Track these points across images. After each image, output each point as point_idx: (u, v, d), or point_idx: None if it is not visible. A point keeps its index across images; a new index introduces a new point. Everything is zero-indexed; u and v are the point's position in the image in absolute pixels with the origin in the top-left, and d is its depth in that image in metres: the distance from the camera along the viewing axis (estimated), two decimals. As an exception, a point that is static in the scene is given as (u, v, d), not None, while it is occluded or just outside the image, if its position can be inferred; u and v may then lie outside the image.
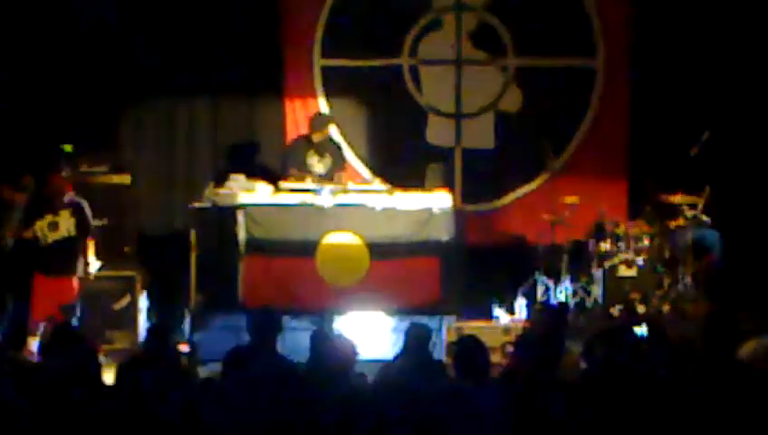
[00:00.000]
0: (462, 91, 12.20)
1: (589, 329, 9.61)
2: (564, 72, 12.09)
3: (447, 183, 11.58)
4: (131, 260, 10.93)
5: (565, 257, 11.18)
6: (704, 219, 11.15)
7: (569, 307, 10.57)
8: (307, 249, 10.56)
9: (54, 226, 9.88)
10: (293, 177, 10.96)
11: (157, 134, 12.27)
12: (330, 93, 12.17)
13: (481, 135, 12.21)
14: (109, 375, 6.77)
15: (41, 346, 8.75)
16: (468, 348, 6.54)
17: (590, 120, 12.10)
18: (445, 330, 10.17)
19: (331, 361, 6.64)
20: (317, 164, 11.18)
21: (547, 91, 12.09)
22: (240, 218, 10.58)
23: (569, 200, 11.28)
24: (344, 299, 10.50)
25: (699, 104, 11.74)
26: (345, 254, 10.58)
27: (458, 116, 12.22)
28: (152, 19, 11.90)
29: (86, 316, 10.00)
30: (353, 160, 12.07)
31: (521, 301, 10.83)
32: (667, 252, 11.18)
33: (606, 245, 11.09)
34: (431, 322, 9.34)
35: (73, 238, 9.91)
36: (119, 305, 10.67)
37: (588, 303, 11.02)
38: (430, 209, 10.67)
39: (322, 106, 12.10)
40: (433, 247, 10.63)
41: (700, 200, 11.16)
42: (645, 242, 11.10)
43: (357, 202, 10.70)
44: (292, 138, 11.88)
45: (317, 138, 11.20)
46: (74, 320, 9.70)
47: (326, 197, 10.63)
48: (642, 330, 8.35)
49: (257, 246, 10.59)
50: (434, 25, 12.21)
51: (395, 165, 11.80)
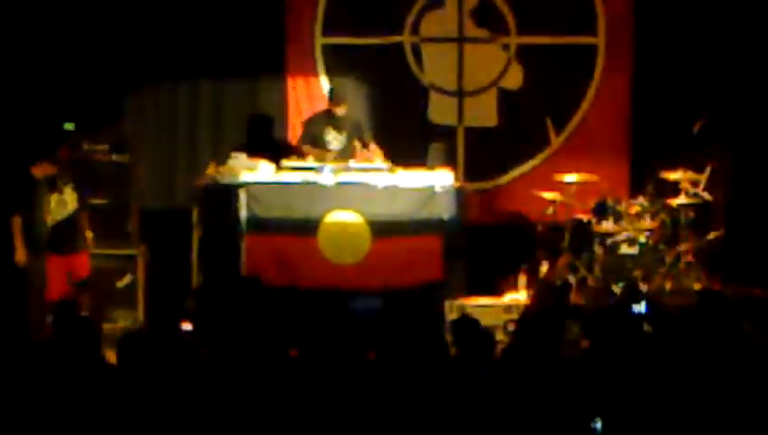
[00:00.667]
0: (464, 69, 12.18)
1: (590, 307, 9.62)
2: (566, 50, 12.05)
3: (450, 161, 11.59)
4: (133, 238, 10.95)
5: (567, 235, 11.19)
6: (705, 197, 11.16)
7: (570, 285, 10.58)
8: (309, 228, 10.55)
9: (63, 203, 9.97)
10: (312, 154, 10.92)
11: (158, 112, 12.24)
12: (331, 72, 12.15)
13: (483, 113, 12.19)
14: (111, 354, 6.79)
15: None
16: (468, 326, 6.56)
17: (592, 97, 12.08)
18: (446, 308, 10.19)
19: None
20: (333, 141, 11.13)
21: (549, 68, 12.05)
22: (242, 197, 10.57)
23: (570, 178, 11.29)
24: (346, 277, 10.52)
25: (702, 81, 11.71)
26: (347, 232, 10.58)
27: (460, 94, 12.21)
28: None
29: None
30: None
31: (522, 279, 10.84)
32: (669, 229, 11.18)
33: (608, 222, 11.09)
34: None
35: (77, 213, 10.03)
36: (121, 284, 10.70)
37: (589, 281, 11.03)
38: (432, 187, 10.65)
39: (324, 84, 12.08)
40: (435, 226, 10.61)
41: (702, 178, 11.16)
42: (647, 219, 11.10)
43: (359, 180, 10.69)
44: (294, 115, 11.88)
45: (341, 111, 11.13)
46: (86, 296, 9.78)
47: (328, 175, 10.62)
48: (642, 307, 8.35)
49: (259, 225, 10.58)
50: (436, 3, 12.17)
51: (397, 143, 11.77)
